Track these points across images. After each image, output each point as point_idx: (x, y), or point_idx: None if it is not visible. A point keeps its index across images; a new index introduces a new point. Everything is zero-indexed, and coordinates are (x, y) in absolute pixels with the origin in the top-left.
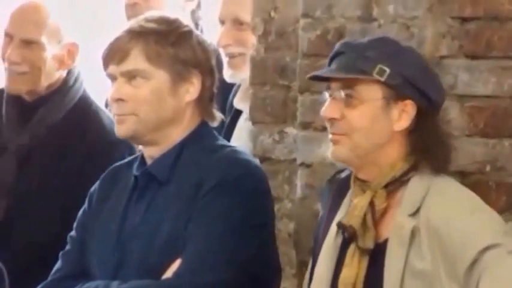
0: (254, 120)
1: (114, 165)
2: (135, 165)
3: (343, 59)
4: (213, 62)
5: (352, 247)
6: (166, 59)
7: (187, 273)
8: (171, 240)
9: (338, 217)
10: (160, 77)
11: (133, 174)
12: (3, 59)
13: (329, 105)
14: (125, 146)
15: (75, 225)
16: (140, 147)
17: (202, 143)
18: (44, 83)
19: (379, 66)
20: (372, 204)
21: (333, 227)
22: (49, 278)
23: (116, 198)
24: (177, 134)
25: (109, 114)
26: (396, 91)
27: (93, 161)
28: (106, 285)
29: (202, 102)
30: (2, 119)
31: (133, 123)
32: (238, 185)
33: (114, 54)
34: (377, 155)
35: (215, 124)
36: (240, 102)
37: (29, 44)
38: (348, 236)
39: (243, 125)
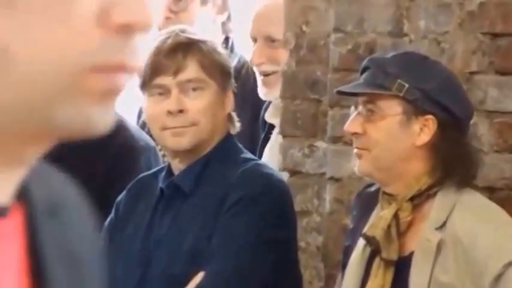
0: (284, 134)
1: (140, 176)
2: (161, 176)
3: (368, 74)
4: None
5: (377, 259)
6: (216, 69)
7: (210, 287)
8: (195, 252)
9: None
10: (212, 88)
11: (160, 186)
12: None
13: (352, 120)
14: (150, 152)
15: (101, 234)
16: (168, 158)
17: (228, 156)
18: None
19: (398, 81)
20: (396, 216)
21: (361, 240)
22: None
23: (142, 208)
24: (206, 146)
25: (134, 123)
26: (416, 106)
27: (119, 165)
28: None
29: (230, 114)
30: None
31: (194, 134)
32: (261, 200)
33: (167, 66)
34: (400, 169)
35: (234, 132)
36: (271, 117)
37: None
38: (372, 248)
39: (275, 139)
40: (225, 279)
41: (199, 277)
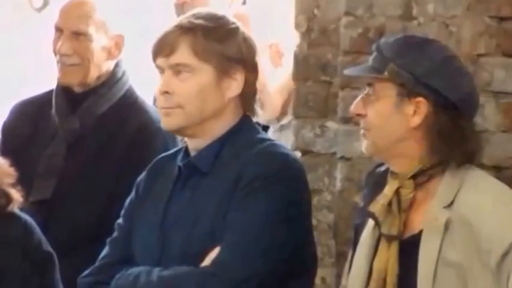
0: (296, 115)
1: (159, 157)
2: (180, 157)
3: (372, 57)
4: (257, 58)
5: (382, 236)
6: (213, 54)
7: (225, 263)
8: (211, 230)
9: None
10: (206, 72)
11: (178, 164)
12: (55, 53)
13: (356, 102)
14: (167, 134)
15: (122, 213)
16: (185, 138)
17: (244, 136)
18: (94, 74)
19: (390, 64)
20: (398, 193)
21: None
22: (96, 263)
23: (160, 188)
24: (219, 127)
25: (153, 106)
26: (408, 88)
27: (138, 148)
28: (148, 271)
29: (245, 97)
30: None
31: (179, 116)
32: (276, 178)
33: (163, 47)
34: (399, 150)
35: (256, 118)
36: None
37: (77, 35)
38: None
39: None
40: (241, 251)
41: (215, 252)
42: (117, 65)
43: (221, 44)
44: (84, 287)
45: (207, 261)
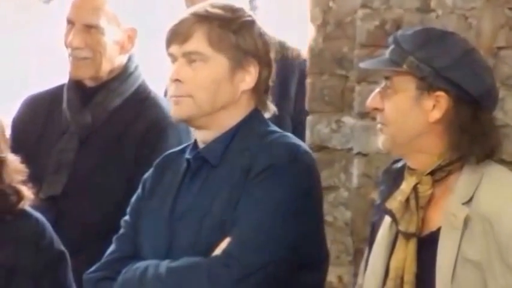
0: (312, 110)
1: (167, 152)
2: (188, 151)
3: (389, 50)
4: (272, 55)
5: (399, 233)
6: (228, 45)
7: (237, 252)
8: (221, 223)
9: None
10: (220, 62)
11: (186, 157)
12: (66, 46)
13: (374, 95)
14: (179, 127)
15: (128, 210)
16: (193, 131)
17: (254, 129)
18: (106, 67)
19: (410, 58)
20: (416, 190)
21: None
22: (103, 259)
23: (169, 182)
24: (229, 120)
25: (167, 101)
26: (428, 82)
27: (151, 143)
28: (157, 264)
29: (258, 92)
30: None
31: (189, 106)
32: (287, 169)
33: (177, 35)
34: (417, 145)
35: (268, 115)
36: None
37: (89, 28)
38: (392, 221)
39: None
40: (252, 241)
41: (225, 242)
42: (129, 59)
43: (237, 36)
44: (90, 283)
45: (217, 251)
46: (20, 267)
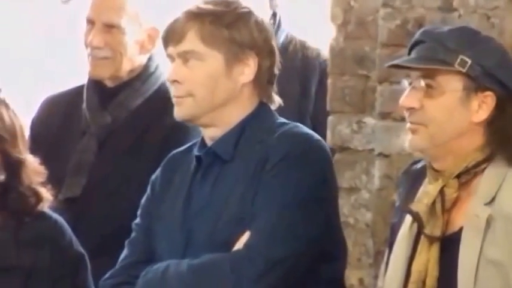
0: (332, 110)
1: (173, 152)
2: (196, 149)
3: (424, 48)
4: (273, 42)
5: (422, 236)
6: (221, 40)
7: (259, 246)
8: (237, 218)
9: None
10: (215, 58)
11: (195, 154)
12: (86, 46)
13: (408, 95)
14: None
15: (139, 212)
16: (201, 130)
17: (263, 122)
18: (126, 67)
19: (460, 56)
20: (442, 193)
21: (409, 217)
22: (118, 265)
23: (179, 180)
24: (234, 115)
25: None
26: (477, 82)
27: (172, 145)
28: (177, 263)
29: (260, 83)
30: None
31: (190, 105)
32: (304, 158)
33: (172, 35)
34: (454, 146)
35: (273, 107)
36: None
37: (110, 28)
38: (417, 223)
39: None
40: (274, 232)
41: (246, 236)
42: (150, 59)
43: (230, 30)
44: None
45: (238, 246)
46: (38, 269)
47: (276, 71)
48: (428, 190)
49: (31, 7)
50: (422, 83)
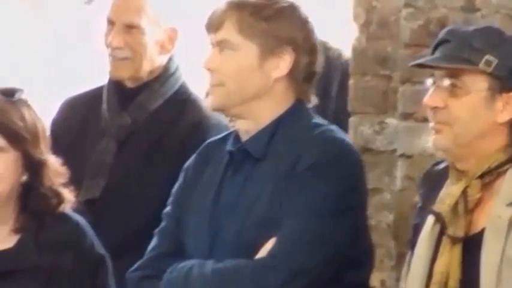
0: (354, 111)
1: (209, 141)
2: (230, 141)
3: (448, 47)
4: (314, 40)
5: (445, 237)
6: (258, 33)
7: (283, 254)
8: (266, 218)
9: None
10: (249, 50)
11: (228, 149)
12: (106, 46)
13: (432, 94)
14: (221, 129)
15: (170, 200)
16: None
17: (298, 121)
18: (146, 68)
19: (486, 56)
20: (465, 193)
21: (430, 218)
22: (145, 256)
23: (211, 173)
24: (267, 109)
25: None
26: (502, 83)
27: (191, 145)
28: (202, 263)
29: (295, 80)
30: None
31: (221, 95)
32: (334, 165)
33: (212, 23)
34: (477, 146)
35: (307, 98)
36: None
37: (130, 28)
38: (440, 224)
39: None
40: (299, 241)
41: (271, 243)
42: (170, 60)
43: (268, 23)
44: (133, 282)
45: (263, 253)
46: (59, 270)
47: (316, 69)
48: (451, 191)
49: (47, 9)
50: (447, 82)
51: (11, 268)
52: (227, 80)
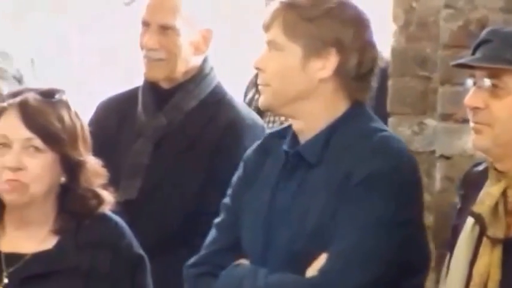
0: (393, 112)
1: (269, 133)
2: (288, 138)
3: (490, 47)
4: (366, 37)
5: (484, 238)
6: (302, 34)
7: (335, 272)
8: (318, 230)
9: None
10: (293, 52)
11: (285, 150)
12: (142, 47)
13: (473, 94)
14: (256, 129)
15: (229, 192)
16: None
17: (354, 125)
18: (181, 69)
19: None
20: (505, 194)
21: (470, 219)
22: (203, 250)
23: (268, 170)
24: (318, 110)
25: (244, 104)
26: None
27: (226, 146)
28: (254, 273)
29: (344, 80)
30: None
31: (267, 95)
32: (390, 178)
33: (264, 23)
34: None
35: (362, 98)
36: None
37: (165, 29)
38: (479, 225)
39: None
40: (352, 260)
41: (322, 259)
42: (205, 61)
43: (313, 24)
44: (190, 278)
45: (314, 269)
46: (98, 270)
47: (370, 67)
48: (490, 191)
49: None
50: (488, 82)
51: (51, 269)
52: (272, 80)
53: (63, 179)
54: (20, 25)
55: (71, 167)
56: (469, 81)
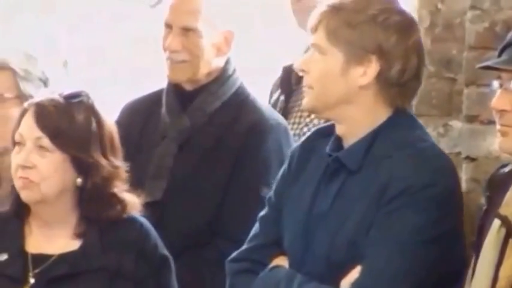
0: (419, 113)
1: (316, 129)
2: (332, 139)
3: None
4: (410, 43)
5: (511, 240)
6: (343, 40)
7: (368, 286)
8: (354, 239)
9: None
10: (334, 56)
11: (328, 153)
12: (164, 49)
13: (500, 96)
14: (279, 130)
15: (274, 186)
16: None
17: (396, 133)
18: (203, 70)
19: None
20: None
21: (496, 221)
22: (246, 245)
23: (312, 169)
24: (360, 115)
25: (268, 105)
26: None
27: (250, 147)
28: (290, 279)
29: (385, 87)
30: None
31: (310, 97)
32: (426, 192)
33: (310, 25)
34: None
35: (404, 106)
36: None
37: (187, 31)
38: (506, 228)
39: None
40: (384, 276)
41: (356, 272)
42: (227, 62)
43: (355, 30)
44: (231, 273)
45: (346, 284)
46: (124, 271)
47: (414, 73)
48: None
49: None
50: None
51: (78, 270)
52: (314, 83)
53: (79, 181)
54: (8, 26)
55: (85, 169)
56: (495, 83)
